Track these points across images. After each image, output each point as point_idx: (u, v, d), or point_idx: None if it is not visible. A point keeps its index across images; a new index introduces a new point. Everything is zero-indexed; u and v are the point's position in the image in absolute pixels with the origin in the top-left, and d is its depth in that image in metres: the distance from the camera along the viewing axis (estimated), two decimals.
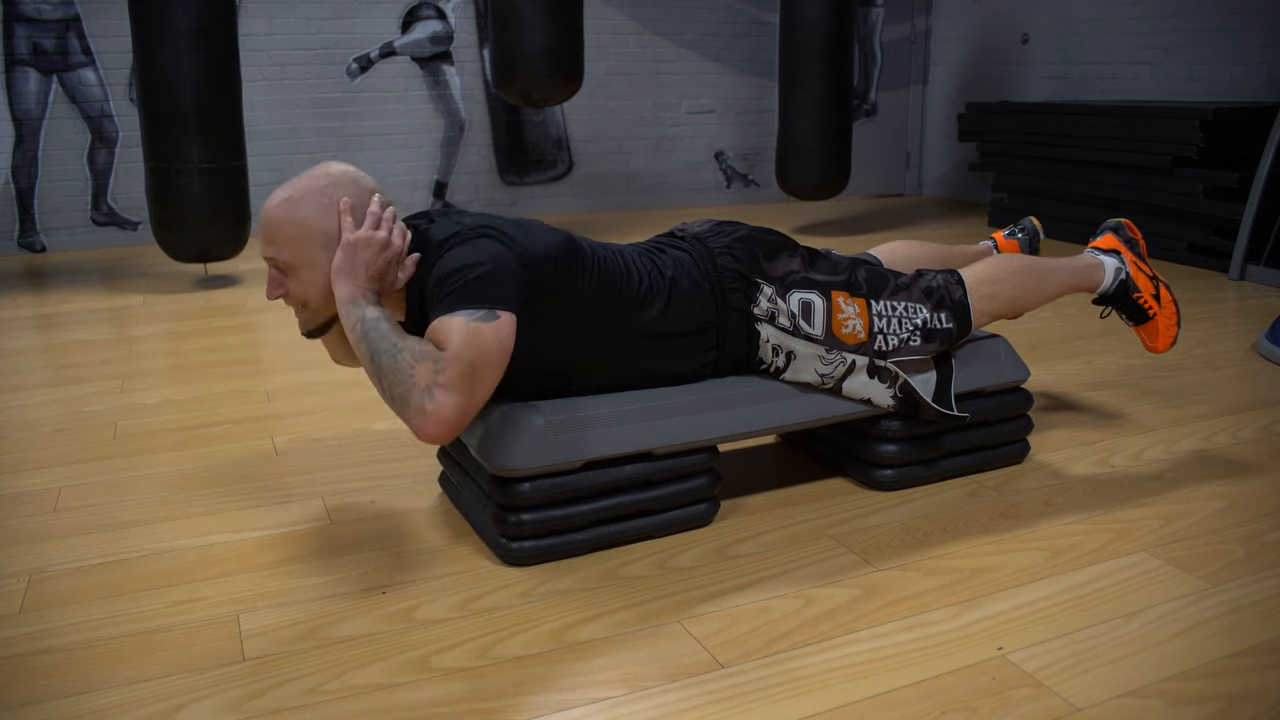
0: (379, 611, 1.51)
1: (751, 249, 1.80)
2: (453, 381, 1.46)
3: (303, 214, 1.58)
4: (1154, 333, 2.10)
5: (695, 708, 1.27)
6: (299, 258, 1.59)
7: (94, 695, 1.31)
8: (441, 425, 1.46)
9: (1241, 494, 1.92)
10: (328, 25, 5.21)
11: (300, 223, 1.58)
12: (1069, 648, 1.40)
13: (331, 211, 1.59)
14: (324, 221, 1.58)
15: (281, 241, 1.59)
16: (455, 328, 1.49)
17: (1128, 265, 2.09)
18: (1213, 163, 4.16)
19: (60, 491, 1.97)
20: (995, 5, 5.99)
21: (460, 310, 1.50)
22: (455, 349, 1.47)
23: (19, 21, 4.64)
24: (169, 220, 3.65)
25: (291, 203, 1.58)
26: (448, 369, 1.46)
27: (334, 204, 1.59)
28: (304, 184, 1.61)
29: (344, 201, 1.59)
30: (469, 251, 1.55)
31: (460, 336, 1.48)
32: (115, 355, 2.97)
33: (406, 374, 1.47)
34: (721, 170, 6.25)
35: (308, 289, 1.61)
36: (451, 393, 1.46)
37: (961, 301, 1.90)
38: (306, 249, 1.58)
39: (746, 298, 1.77)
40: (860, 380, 1.82)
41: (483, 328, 1.50)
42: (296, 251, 1.59)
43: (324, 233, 1.58)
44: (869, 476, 1.93)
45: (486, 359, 1.49)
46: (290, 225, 1.58)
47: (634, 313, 1.69)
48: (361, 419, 2.37)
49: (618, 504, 1.68)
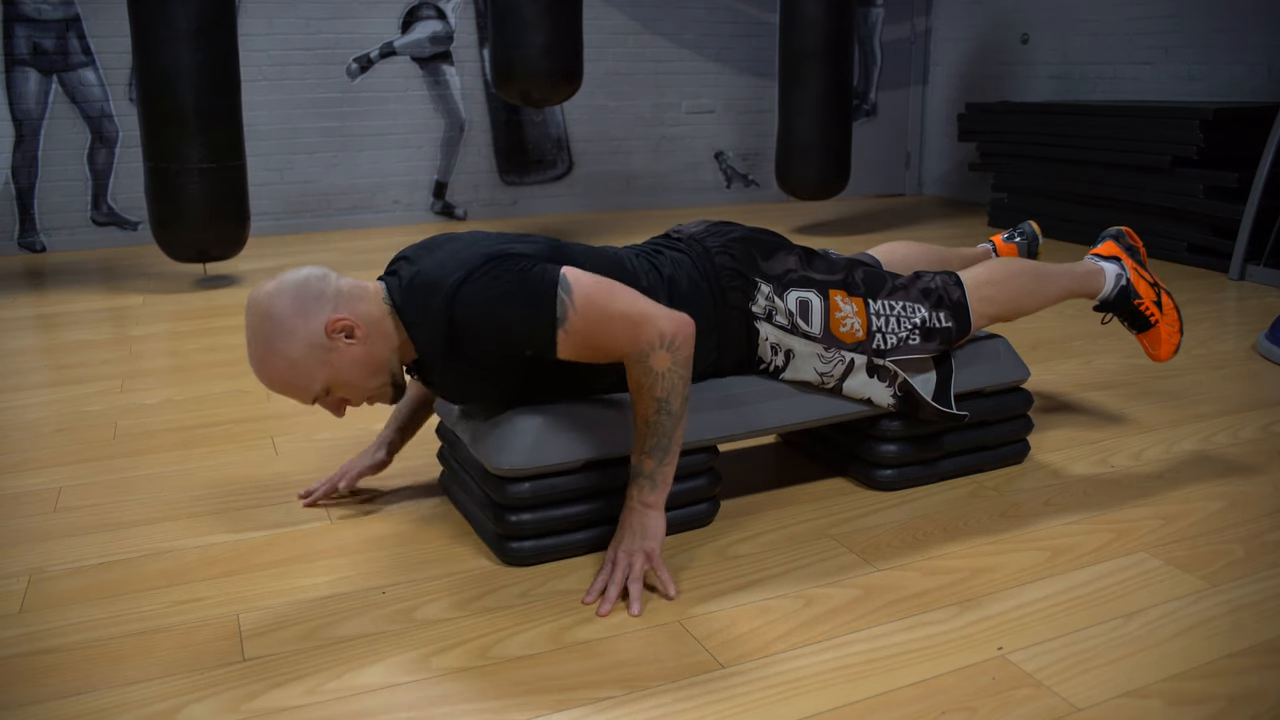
0: (379, 611, 1.51)
1: (748, 249, 1.80)
2: (648, 331, 1.46)
3: (286, 361, 1.49)
4: (1156, 340, 2.10)
5: (695, 708, 1.27)
6: (319, 381, 1.52)
7: (94, 695, 1.31)
8: (682, 324, 1.49)
9: (1241, 494, 1.92)
10: (328, 25, 5.21)
11: (290, 364, 1.50)
12: (1069, 648, 1.40)
13: (295, 327, 1.49)
14: (304, 339, 1.49)
15: (304, 385, 1.52)
16: (582, 331, 1.47)
17: (1128, 271, 2.09)
18: (1213, 163, 4.16)
19: (60, 491, 1.97)
20: (995, 5, 5.99)
21: (556, 324, 1.46)
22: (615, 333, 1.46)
23: (19, 21, 4.64)
24: (168, 220, 3.65)
25: (272, 357, 1.49)
26: (642, 342, 1.46)
27: (292, 316, 1.49)
28: (260, 339, 1.50)
29: (330, 321, 1.50)
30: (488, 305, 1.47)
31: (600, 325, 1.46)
32: (115, 355, 2.97)
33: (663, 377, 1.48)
34: (721, 170, 6.25)
35: (352, 385, 1.55)
36: (653, 326, 1.47)
37: (960, 302, 1.90)
38: (315, 372, 1.51)
39: (745, 296, 1.76)
40: (860, 379, 1.82)
41: (579, 300, 1.46)
42: (313, 379, 1.52)
43: (316, 346, 1.50)
44: (869, 476, 1.93)
45: (607, 296, 1.47)
46: (289, 376, 1.50)
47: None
48: (362, 419, 2.37)
49: (618, 504, 1.68)
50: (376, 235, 5.21)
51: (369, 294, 1.57)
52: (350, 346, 1.52)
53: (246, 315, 1.53)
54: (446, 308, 1.48)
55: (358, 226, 5.45)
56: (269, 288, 1.52)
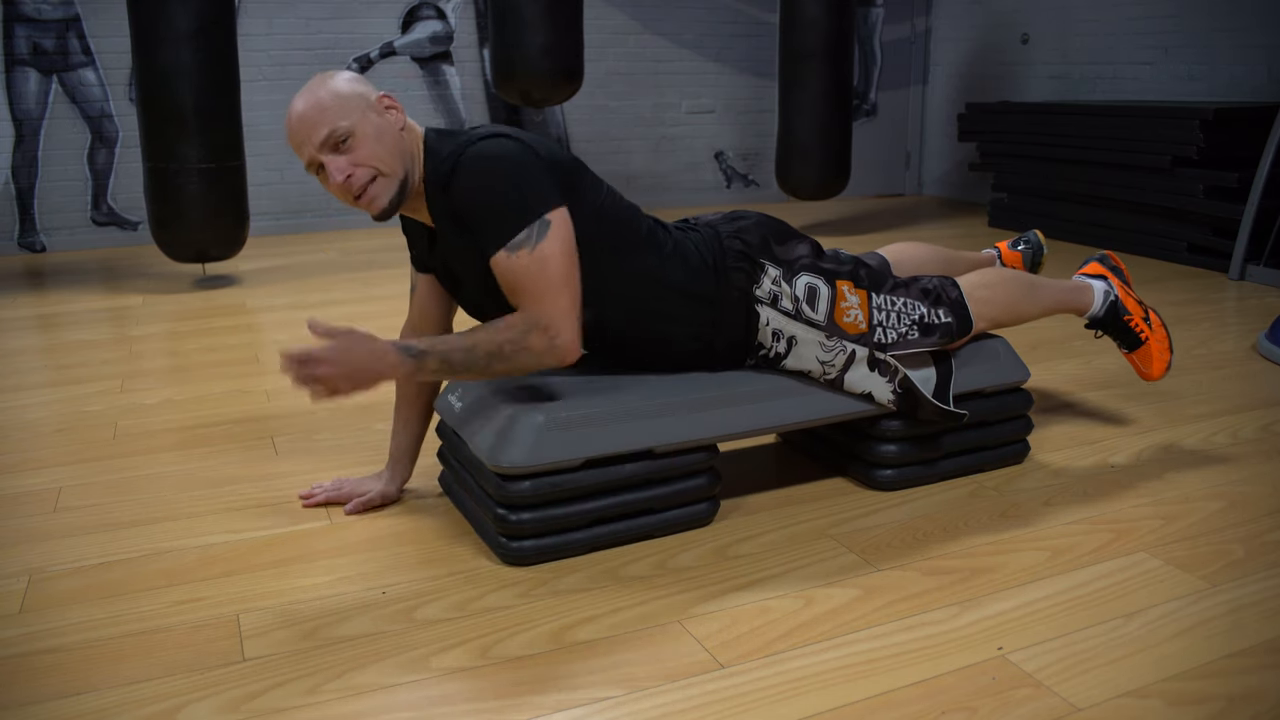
0: (379, 611, 1.51)
1: (763, 234, 1.83)
2: (559, 319, 1.56)
3: (332, 90, 1.58)
4: (1148, 358, 2.13)
5: (695, 708, 1.27)
6: (352, 119, 1.57)
7: (94, 695, 1.31)
8: (575, 348, 1.59)
9: (1241, 494, 1.92)
10: (328, 25, 5.21)
11: (336, 93, 1.58)
12: (1069, 648, 1.40)
13: (353, 84, 1.60)
14: (355, 90, 1.59)
15: (328, 117, 1.56)
16: (522, 268, 1.54)
17: (1116, 289, 2.14)
18: (1213, 163, 4.15)
19: (60, 491, 1.97)
20: (995, 5, 5.99)
21: (514, 239, 1.54)
22: (538, 293, 1.54)
23: (19, 21, 4.64)
24: (168, 220, 3.65)
25: (319, 89, 1.58)
26: (547, 318, 1.55)
27: (352, 79, 1.61)
28: (317, 83, 1.60)
29: (384, 95, 1.62)
30: (488, 161, 1.56)
31: (535, 278, 1.54)
32: (115, 355, 2.97)
33: (520, 350, 1.56)
34: (721, 170, 6.25)
35: (375, 148, 1.58)
36: (565, 324, 1.56)
37: (958, 299, 1.92)
38: (353, 111, 1.57)
39: (749, 279, 1.78)
40: (861, 373, 1.82)
41: (543, 249, 1.54)
42: (347, 115, 1.57)
43: (360, 96, 1.59)
44: (869, 476, 1.93)
45: (563, 271, 1.56)
46: (328, 100, 1.56)
47: (635, 249, 1.70)
48: (362, 419, 2.37)
49: (618, 503, 1.68)
50: (376, 235, 5.21)
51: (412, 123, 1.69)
52: (390, 122, 1.61)
53: (310, 81, 1.62)
54: (460, 149, 1.59)
55: (357, 226, 5.45)
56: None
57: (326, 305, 3.57)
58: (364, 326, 3.21)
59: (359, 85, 1.62)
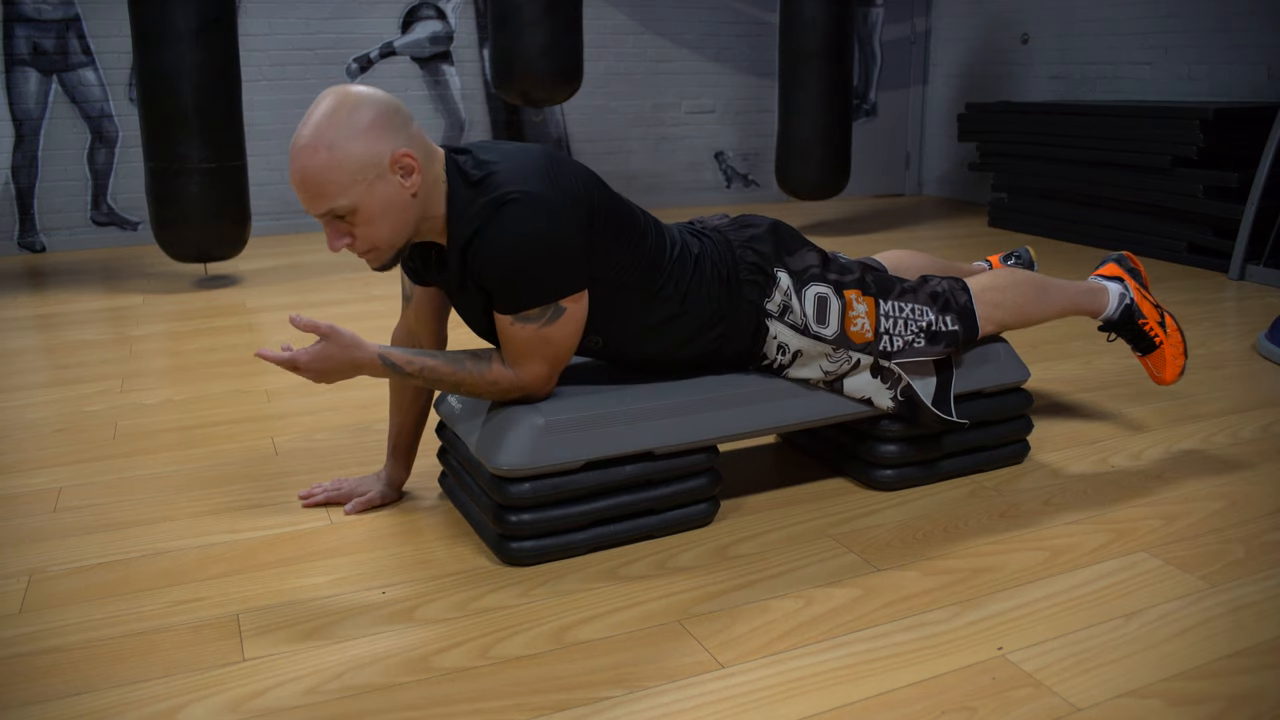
0: (379, 611, 1.51)
1: (774, 243, 1.82)
2: (542, 385, 1.65)
3: (342, 152, 1.45)
4: (1161, 363, 2.10)
5: (695, 708, 1.27)
6: (353, 197, 1.47)
7: (94, 695, 1.31)
8: (544, 391, 1.67)
9: (1241, 494, 1.92)
10: (328, 25, 5.21)
11: (344, 159, 1.45)
12: (1069, 648, 1.40)
13: (368, 136, 1.46)
14: (366, 151, 1.46)
15: (330, 192, 1.46)
16: (524, 339, 1.59)
17: (1131, 292, 2.11)
18: (1213, 163, 4.15)
19: (60, 491, 1.97)
20: (995, 5, 5.99)
21: (526, 313, 1.58)
22: (530, 360, 1.61)
23: (19, 21, 4.64)
24: (169, 220, 3.65)
25: (323, 149, 1.45)
26: (533, 382, 1.63)
27: (369, 127, 1.47)
28: (326, 123, 1.46)
29: (399, 153, 1.48)
30: (516, 239, 1.51)
31: (534, 350, 1.60)
32: (115, 355, 2.97)
33: (496, 395, 1.64)
34: (721, 170, 6.25)
35: (378, 227, 1.50)
36: (545, 388, 1.66)
37: (967, 306, 1.91)
38: (358, 185, 1.46)
39: (761, 291, 1.78)
40: (862, 379, 1.82)
41: (551, 331, 1.59)
42: (349, 191, 1.46)
43: (371, 165, 1.47)
44: (869, 476, 1.93)
45: (562, 352, 1.63)
46: (333, 168, 1.45)
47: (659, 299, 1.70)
48: (362, 419, 2.37)
49: (618, 504, 1.68)
50: None
51: (437, 157, 1.57)
52: (400, 187, 1.50)
53: (325, 96, 1.48)
54: (488, 211, 1.53)
55: None
56: (364, 89, 1.51)
57: (327, 305, 3.58)
58: (364, 327, 3.21)
59: (374, 139, 1.47)
